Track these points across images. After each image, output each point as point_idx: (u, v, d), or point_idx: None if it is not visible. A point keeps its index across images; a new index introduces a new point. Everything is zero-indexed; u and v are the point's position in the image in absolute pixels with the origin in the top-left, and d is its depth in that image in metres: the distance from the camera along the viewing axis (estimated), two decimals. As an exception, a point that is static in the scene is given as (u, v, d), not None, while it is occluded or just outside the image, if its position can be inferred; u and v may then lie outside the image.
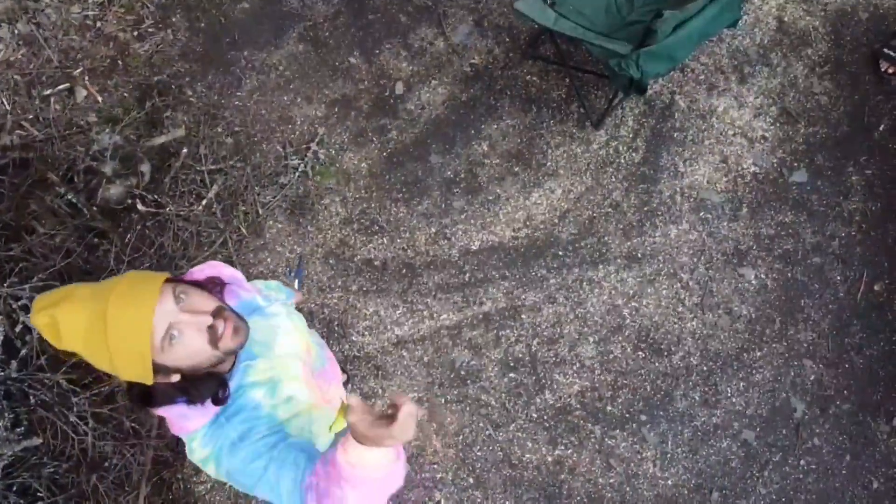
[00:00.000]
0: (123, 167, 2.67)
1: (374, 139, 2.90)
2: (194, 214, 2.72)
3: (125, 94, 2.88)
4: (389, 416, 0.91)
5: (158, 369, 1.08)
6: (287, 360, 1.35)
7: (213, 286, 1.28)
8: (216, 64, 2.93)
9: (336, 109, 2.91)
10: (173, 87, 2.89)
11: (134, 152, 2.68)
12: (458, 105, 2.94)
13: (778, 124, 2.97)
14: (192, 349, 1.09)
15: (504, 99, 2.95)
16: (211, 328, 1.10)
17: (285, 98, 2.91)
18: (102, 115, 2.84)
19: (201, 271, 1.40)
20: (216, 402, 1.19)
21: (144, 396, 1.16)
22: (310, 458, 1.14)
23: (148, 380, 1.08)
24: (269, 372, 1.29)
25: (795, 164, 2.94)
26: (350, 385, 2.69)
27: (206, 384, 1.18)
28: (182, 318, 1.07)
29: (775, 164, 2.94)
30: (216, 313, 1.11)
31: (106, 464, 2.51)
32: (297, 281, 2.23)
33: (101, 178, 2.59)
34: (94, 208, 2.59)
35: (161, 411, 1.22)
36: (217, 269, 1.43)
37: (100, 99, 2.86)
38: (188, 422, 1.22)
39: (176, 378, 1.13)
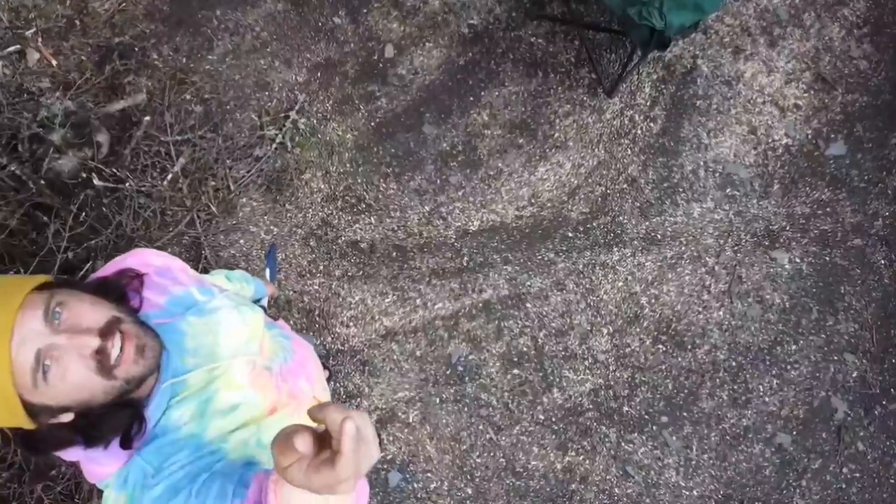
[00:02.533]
0: (76, 136, 2.36)
1: (361, 107, 2.59)
2: (158, 190, 2.41)
3: (83, 58, 2.57)
4: (323, 440, 0.62)
5: (37, 410, 0.80)
6: (230, 365, 1.04)
7: (124, 283, 0.99)
8: (185, 24, 2.63)
9: (318, 74, 2.61)
10: (136, 49, 2.58)
11: (88, 119, 2.37)
12: (455, 70, 2.63)
13: (812, 91, 2.66)
14: (75, 382, 0.80)
15: (506, 63, 2.64)
16: (99, 353, 0.80)
17: (262, 62, 2.61)
18: (57, 80, 2.53)
19: (118, 263, 1.08)
20: (125, 443, 0.89)
21: (30, 442, 0.87)
22: (241, 483, 0.85)
23: (25, 424, 0.81)
24: (203, 385, 0.99)
25: (832, 136, 2.62)
26: (333, 382, 2.38)
27: (111, 420, 0.88)
28: (56, 342, 0.78)
29: (810, 136, 2.63)
30: (107, 330, 0.82)
31: (53, 472, 2.21)
32: (267, 271, 1.90)
33: (49, 147, 2.28)
34: (42, 182, 2.28)
35: (64, 455, 0.93)
36: (141, 258, 1.11)
37: (54, 63, 2.55)
38: (98, 466, 0.93)
39: (68, 417, 0.84)
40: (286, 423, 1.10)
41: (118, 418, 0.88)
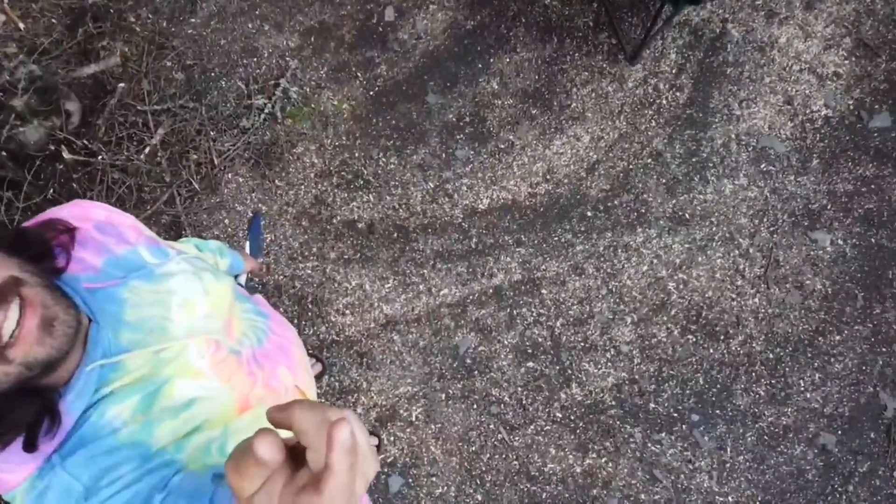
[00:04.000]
0: (43, 104, 2.14)
1: (359, 75, 2.36)
2: (134, 164, 2.18)
3: (53, 21, 2.34)
4: (296, 456, 0.42)
5: None
6: (184, 346, 0.81)
7: (49, 236, 0.77)
8: (166, -15, 2.40)
9: (312, 39, 2.38)
10: (112, 11, 2.35)
11: (56, 85, 2.14)
12: (462, 34, 2.40)
13: (853, 58, 2.43)
14: None
15: (518, 27, 2.41)
16: None
17: (250, 25, 2.38)
18: (24, 44, 2.30)
19: (50, 213, 0.86)
20: (29, 445, 0.67)
21: None
22: None
23: None
24: (146, 371, 0.76)
25: (876, 106, 2.39)
26: (327, 377, 2.15)
27: (10, 415, 0.66)
28: None
29: (851, 106, 2.39)
30: None
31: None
32: (248, 243, 1.67)
33: (11, 114, 2.05)
34: (3, 153, 2.05)
35: None
36: (82, 210, 0.88)
37: (21, 26, 2.32)
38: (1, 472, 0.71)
39: None
40: (262, 424, 0.88)
41: (19, 412, 0.66)
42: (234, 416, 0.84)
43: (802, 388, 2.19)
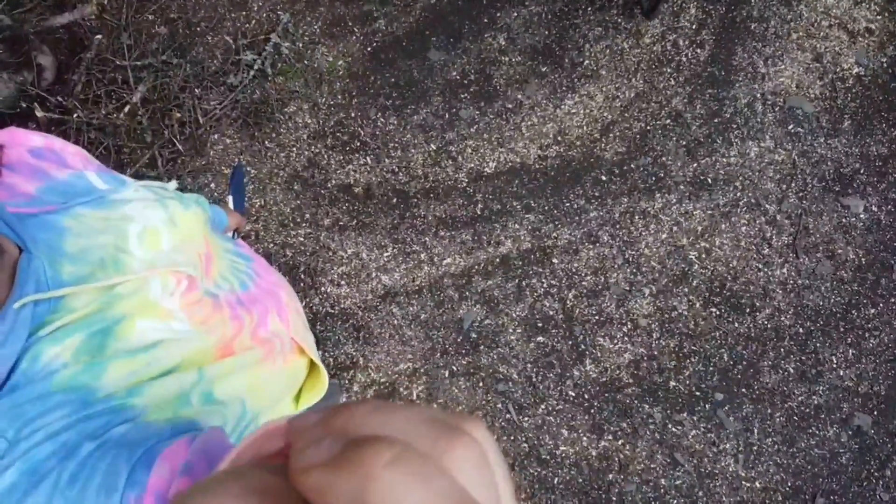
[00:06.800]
0: (12, 56, 1.97)
1: (356, 30, 2.19)
2: (112, 123, 2.02)
3: (27, -29, 2.18)
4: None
5: None
6: (144, 280, 0.65)
7: None
8: (148, -67, 2.23)
9: (305, -8, 2.22)
10: (90, -39, 2.18)
11: (26, 36, 1.97)
12: (467, -13, 2.24)
13: (886, 13, 2.26)
14: None
15: (527, -21, 2.24)
16: None
17: (238, -23, 2.22)
18: (-6, -4, 2.14)
19: None
20: None
21: None
22: (144, 462, 0.50)
23: None
24: (96, 309, 0.60)
25: (911, 65, 2.23)
26: (320, 353, 1.99)
27: None
28: None
29: (885, 65, 2.23)
30: None
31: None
32: (230, 197, 1.51)
33: (-24, 65, 1.89)
34: (-32, 108, 1.89)
35: None
36: (14, 135, 0.71)
37: (-8, -23, 2.16)
38: None
39: None
40: (248, 371, 0.72)
41: None
42: (212, 361, 0.69)
43: (835, 365, 2.03)
